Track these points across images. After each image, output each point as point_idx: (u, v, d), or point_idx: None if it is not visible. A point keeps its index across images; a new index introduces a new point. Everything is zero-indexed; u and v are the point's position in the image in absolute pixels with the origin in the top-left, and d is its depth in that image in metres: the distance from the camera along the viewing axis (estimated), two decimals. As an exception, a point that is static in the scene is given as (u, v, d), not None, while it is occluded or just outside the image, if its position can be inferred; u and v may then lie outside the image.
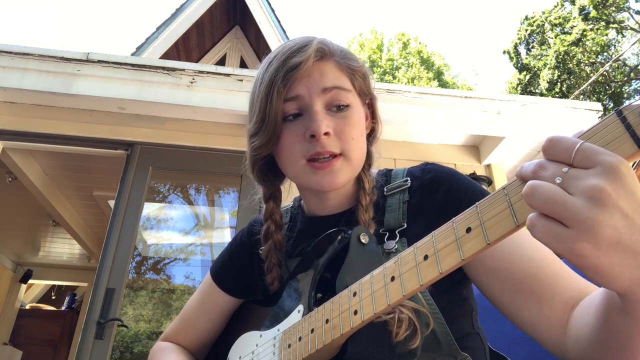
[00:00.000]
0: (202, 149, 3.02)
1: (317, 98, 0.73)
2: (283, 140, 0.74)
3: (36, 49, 2.81)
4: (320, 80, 0.74)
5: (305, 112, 0.73)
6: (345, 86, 0.75)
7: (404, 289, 0.50)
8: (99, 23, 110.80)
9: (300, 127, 0.73)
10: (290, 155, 0.74)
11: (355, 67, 0.78)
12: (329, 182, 0.72)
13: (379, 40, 22.03)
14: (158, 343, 0.93)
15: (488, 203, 0.44)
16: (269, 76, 0.74)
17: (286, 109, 0.74)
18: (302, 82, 0.73)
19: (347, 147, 0.73)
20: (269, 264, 0.79)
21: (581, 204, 0.36)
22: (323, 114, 0.72)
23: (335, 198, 0.80)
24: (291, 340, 0.65)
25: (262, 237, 0.82)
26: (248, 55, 5.60)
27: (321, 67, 0.75)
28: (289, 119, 0.74)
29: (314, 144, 0.71)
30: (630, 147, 0.37)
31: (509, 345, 0.87)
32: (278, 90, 0.72)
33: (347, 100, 0.75)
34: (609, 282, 0.37)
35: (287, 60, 0.73)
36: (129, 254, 2.73)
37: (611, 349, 0.46)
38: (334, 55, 0.77)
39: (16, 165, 3.50)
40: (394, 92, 2.97)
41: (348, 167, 0.74)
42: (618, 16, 15.53)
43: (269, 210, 0.82)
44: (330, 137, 0.72)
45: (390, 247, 0.69)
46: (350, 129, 0.74)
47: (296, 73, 0.72)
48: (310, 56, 0.73)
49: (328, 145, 0.71)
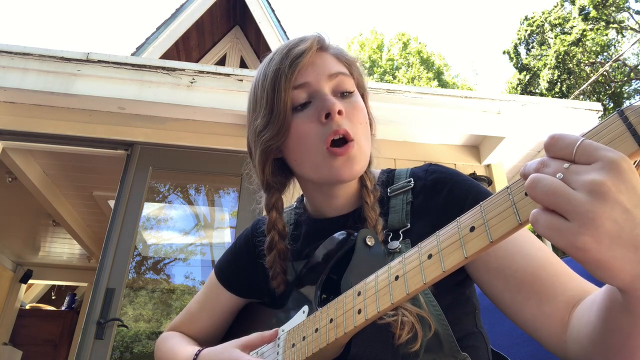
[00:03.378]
0: (202, 149, 3.02)
1: (325, 83, 0.74)
2: (295, 130, 0.73)
3: (36, 49, 2.81)
4: (325, 66, 0.75)
5: (314, 98, 0.74)
6: (347, 73, 0.78)
7: (408, 288, 0.51)
8: (99, 23, 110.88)
9: (313, 111, 0.72)
10: (307, 142, 0.72)
11: (350, 59, 0.81)
12: (349, 170, 0.72)
13: (379, 40, 22.04)
14: (164, 333, 0.94)
15: (492, 202, 0.45)
16: (274, 68, 0.74)
17: (295, 98, 0.73)
18: (309, 69, 0.74)
19: (358, 132, 0.73)
20: (274, 272, 0.79)
21: (582, 197, 0.36)
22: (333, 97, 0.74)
23: (342, 197, 0.79)
24: (295, 340, 0.65)
25: (266, 248, 0.81)
26: (248, 55, 5.61)
27: (323, 56, 0.77)
28: (298, 108, 0.74)
29: (329, 124, 0.71)
30: (632, 145, 0.37)
31: (509, 345, 0.88)
32: (286, 78, 0.72)
33: (352, 87, 0.77)
34: (610, 277, 0.37)
35: (290, 50, 0.75)
36: (129, 254, 2.73)
37: (612, 348, 0.46)
38: (331, 49, 0.80)
39: (16, 165, 3.50)
40: (394, 92, 2.97)
41: (361, 155, 0.73)
42: (618, 16, 15.54)
43: (272, 221, 0.81)
44: (344, 118, 0.72)
45: (394, 247, 0.70)
46: (359, 113, 0.75)
47: (302, 59, 0.73)
48: (313, 44, 0.75)
49: (343, 124, 0.71)
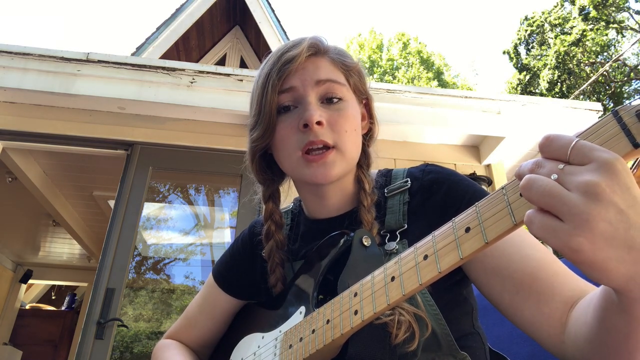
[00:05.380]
0: (202, 149, 3.02)
1: (311, 90, 0.75)
2: (278, 133, 0.76)
3: (36, 49, 2.81)
4: (314, 73, 0.75)
5: (299, 104, 0.75)
6: (339, 80, 0.77)
7: (404, 289, 0.51)
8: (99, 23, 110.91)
9: (295, 118, 0.74)
10: (286, 146, 0.75)
11: (349, 64, 0.80)
12: (322, 174, 0.73)
13: (378, 41, 22.04)
14: (161, 341, 0.94)
15: (487, 203, 0.45)
16: (265, 71, 0.77)
17: (281, 101, 0.75)
18: (296, 75, 0.75)
19: (341, 139, 0.73)
20: (272, 264, 0.80)
21: (577, 198, 0.36)
22: (316, 105, 0.74)
23: (335, 198, 0.80)
24: (292, 341, 0.65)
25: (264, 238, 0.82)
26: (248, 55, 5.61)
27: (315, 61, 0.77)
28: (283, 111, 0.76)
29: (307, 133, 0.72)
30: (626, 146, 0.37)
31: (509, 345, 0.88)
32: (273, 83, 0.74)
33: (341, 94, 0.76)
34: (605, 278, 0.37)
35: (281, 55, 0.76)
36: (129, 254, 2.73)
37: (610, 348, 0.46)
38: (328, 52, 0.79)
39: (16, 165, 3.51)
40: (394, 92, 2.97)
41: (342, 160, 0.74)
42: (618, 16, 15.53)
43: (269, 211, 0.83)
44: (324, 128, 0.73)
45: (391, 248, 0.70)
46: (344, 121, 0.75)
47: (290, 66, 0.74)
48: (303, 50, 0.75)
49: (321, 135, 0.72)
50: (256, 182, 0.86)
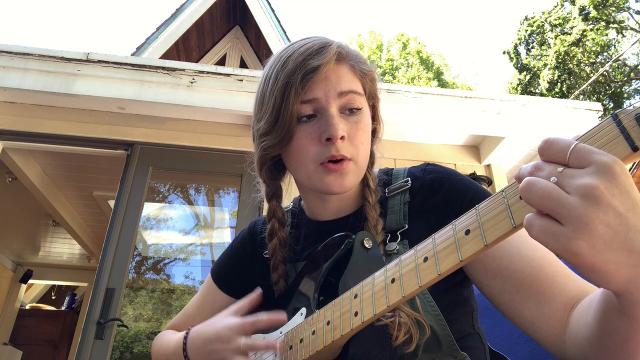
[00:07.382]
0: (202, 149, 3.02)
1: (333, 101, 0.73)
2: (296, 142, 0.73)
3: (36, 49, 2.81)
4: (338, 83, 0.73)
5: (320, 114, 0.73)
6: (358, 90, 0.76)
7: (404, 291, 0.51)
8: (99, 23, 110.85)
9: (315, 129, 0.72)
10: (304, 156, 0.73)
11: (367, 71, 0.79)
12: (339, 185, 0.72)
13: (378, 41, 22.04)
14: (159, 334, 0.95)
15: (487, 205, 0.45)
16: (285, 76, 0.73)
17: (301, 110, 0.73)
18: (320, 85, 0.72)
19: (357, 152, 0.73)
20: (275, 262, 0.80)
21: (576, 201, 0.36)
22: (338, 118, 0.72)
23: (338, 201, 0.80)
24: (293, 342, 0.66)
25: (267, 236, 0.82)
26: (248, 55, 5.61)
27: (337, 70, 0.74)
28: (302, 120, 0.73)
29: (328, 147, 0.71)
30: (625, 149, 0.37)
31: (509, 345, 0.88)
32: (296, 91, 0.71)
33: (360, 104, 0.75)
34: (605, 281, 0.38)
35: (305, 61, 0.72)
36: (129, 254, 2.73)
37: (610, 350, 0.46)
38: (350, 59, 0.77)
39: (16, 165, 3.51)
40: (394, 92, 2.97)
41: (356, 171, 0.74)
42: (618, 16, 15.53)
43: (272, 209, 0.82)
44: (345, 142, 0.72)
45: (392, 248, 0.70)
46: (362, 134, 0.74)
47: (314, 76, 0.71)
48: (330, 60, 0.72)
49: (342, 149, 0.71)
50: (258, 181, 0.85)
